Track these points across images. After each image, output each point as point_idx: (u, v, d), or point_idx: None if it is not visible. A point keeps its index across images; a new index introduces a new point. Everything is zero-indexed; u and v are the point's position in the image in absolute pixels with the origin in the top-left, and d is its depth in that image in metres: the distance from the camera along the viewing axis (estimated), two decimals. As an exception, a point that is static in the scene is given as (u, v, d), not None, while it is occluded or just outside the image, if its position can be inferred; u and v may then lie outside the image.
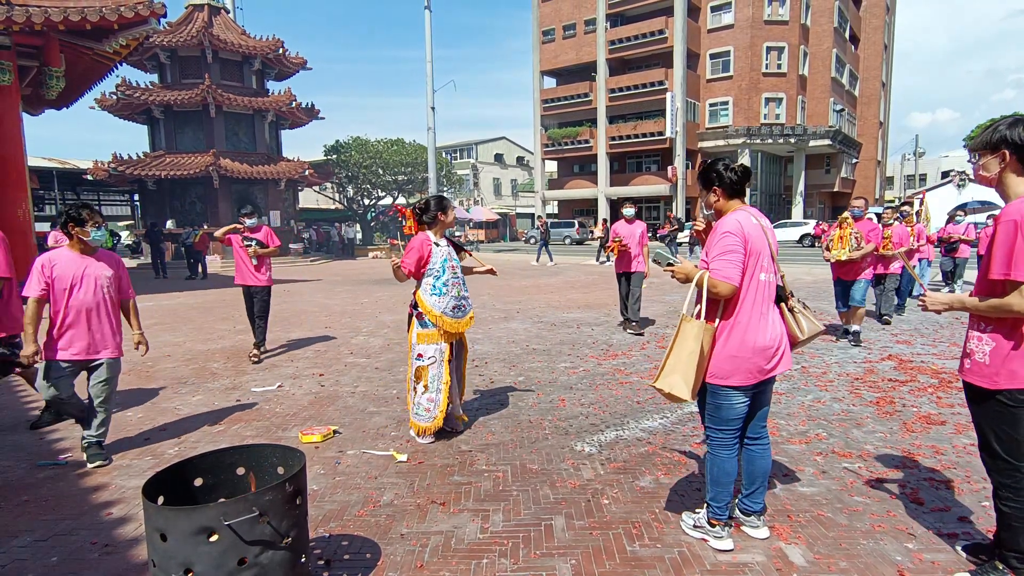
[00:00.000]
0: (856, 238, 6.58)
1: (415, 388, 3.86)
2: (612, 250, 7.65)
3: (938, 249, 10.63)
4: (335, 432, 4.16)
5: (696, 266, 2.56)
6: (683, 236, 24.35)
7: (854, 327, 6.74)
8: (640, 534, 2.74)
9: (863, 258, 6.63)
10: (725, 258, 2.38)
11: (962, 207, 12.98)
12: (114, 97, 21.67)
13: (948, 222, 10.51)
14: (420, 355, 3.84)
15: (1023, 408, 2.16)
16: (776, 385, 5.10)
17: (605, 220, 28.95)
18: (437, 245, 3.88)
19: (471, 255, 4.28)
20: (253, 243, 6.45)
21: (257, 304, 6.62)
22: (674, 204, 34.72)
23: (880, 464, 3.47)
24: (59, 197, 30.36)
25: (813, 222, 27.51)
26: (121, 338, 3.81)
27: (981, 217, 14.37)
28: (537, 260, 20.65)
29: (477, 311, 9.69)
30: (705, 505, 2.68)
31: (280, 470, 2.35)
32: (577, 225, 35.74)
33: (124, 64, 14.26)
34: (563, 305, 10.28)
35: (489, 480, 3.36)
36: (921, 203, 10.00)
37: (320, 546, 2.69)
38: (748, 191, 2.65)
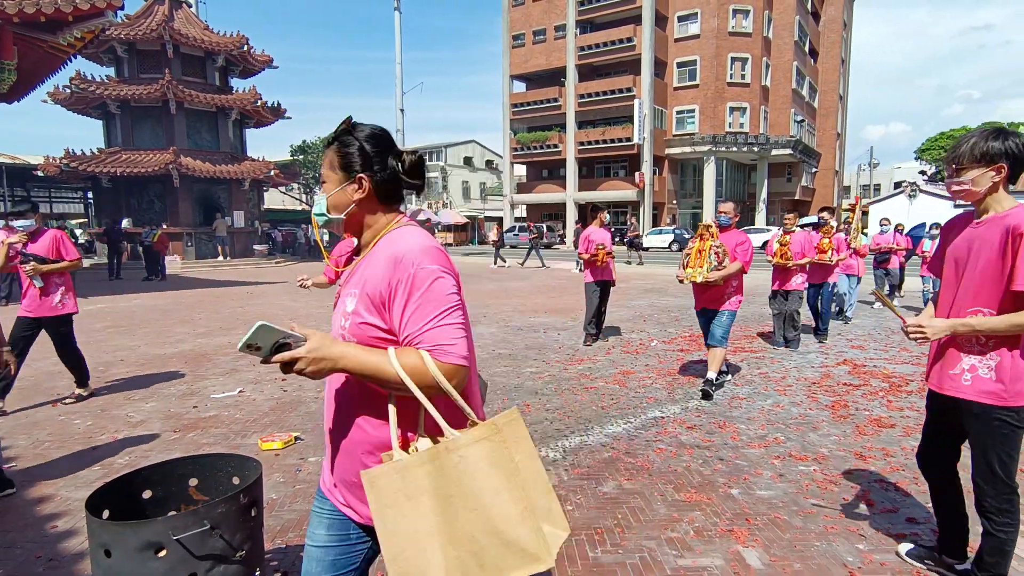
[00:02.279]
0: (717, 253, 4.82)
1: None
2: (598, 259, 7.04)
3: (869, 263, 10.04)
4: (296, 439, 4.08)
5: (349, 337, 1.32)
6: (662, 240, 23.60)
7: (710, 373, 5.03)
8: (603, 540, 2.76)
9: (727, 281, 4.88)
10: (454, 320, 1.24)
11: (922, 226, 12.74)
12: (68, 91, 20.88)
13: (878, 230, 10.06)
14: None
15: (1022, 428, 2.10)
16: (737, 390, 5.23)
17: (500, 223, 28.65)
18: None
19: None
20: (30, 260, 4.55)
21: (54, 340, 4.82)
22: (641, 209, 35.22)
23: (834, 467, 3.57)
24: (7, 193, 29.08)
25: (775, 229, 28.30)
26: None
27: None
28: None
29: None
30: None
31: (235, 480, 2.29)
32: (545, 229, 35.91)
33: (79, 57, 13.76)
34: (530, 309, 10.31)
35: (453, 487, 3.33)
36: (853, 209, 9.15)
37: (277, 558, 2.63)
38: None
